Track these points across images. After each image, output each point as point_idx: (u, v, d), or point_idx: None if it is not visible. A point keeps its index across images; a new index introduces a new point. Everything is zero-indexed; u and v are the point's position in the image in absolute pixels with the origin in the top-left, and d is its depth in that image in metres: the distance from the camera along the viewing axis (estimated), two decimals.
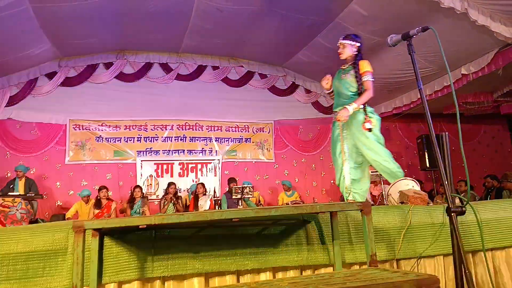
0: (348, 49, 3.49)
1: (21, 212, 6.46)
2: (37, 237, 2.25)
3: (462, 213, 1.93)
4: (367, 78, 3.36)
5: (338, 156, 3.50)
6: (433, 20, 5.94)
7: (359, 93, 3.39)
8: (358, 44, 3.50)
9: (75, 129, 8.59)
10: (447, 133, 2.62)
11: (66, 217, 7.17)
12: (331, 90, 3.63)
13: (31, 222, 6.50)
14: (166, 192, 7.90)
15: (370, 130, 3.27)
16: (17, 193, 6.88)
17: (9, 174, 7.84)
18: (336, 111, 3.46)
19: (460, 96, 8.14)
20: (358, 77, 3.39)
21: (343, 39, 3.53)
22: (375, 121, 3.35)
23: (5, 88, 8.20)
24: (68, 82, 8.66)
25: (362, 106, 3.32)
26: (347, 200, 3.42)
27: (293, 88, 10.09)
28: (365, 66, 3.40)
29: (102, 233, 2.19)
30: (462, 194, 7.35)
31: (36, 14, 6.39)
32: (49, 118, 8.49)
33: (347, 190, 3.43)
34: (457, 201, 2.39)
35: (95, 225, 1.98)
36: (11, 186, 7.16)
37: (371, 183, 8.04)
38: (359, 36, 3.57)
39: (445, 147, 2.51)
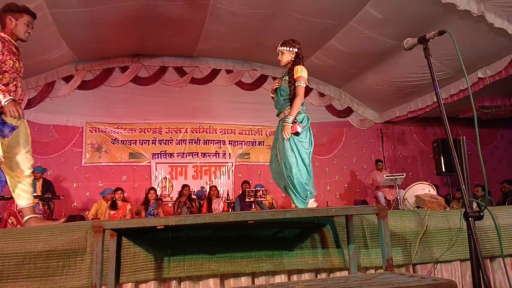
0: (286, 55, 3.47)
1: (38, 213, 6.56)
2: (57, 236, 2.30)
3: (480, 218, 1.91)
4: (298, 84, 3.33)
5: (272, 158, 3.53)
6: (449, 23, 5.89)
7: (291, 98, 3.36)
8: (296, 50, 3.48)
9: (92, 132, 8.73)
10: (464, 137, 2.59)
11: (90, 219, 7.26)
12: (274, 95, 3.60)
13: None
14: (180, 194, 7.96)
15: (297, 134, 3.25)
16: (35, 194, 6.98)
17: None
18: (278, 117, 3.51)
19: (476, 99, 8.04)
20: (291, 82, 3.37)
21: (281, 45, 3.51)
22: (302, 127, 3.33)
23: (24, 91, 8.37)
24: (84, 86, 8.81)
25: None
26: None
27: (306, 91, 10.03)
28: (299, 71, 3.37)
29: (120, 233, 2.23)
30: (479, 199, 7.24)
31: (55, 19, 6.52)
32: (66, 121, 8.65)
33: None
34: (474, 206, 2.37)
35: (114, 225, 2.02)
36: None
37: (386, 186, 8.03)
38: (297, 42, 3.53)
39: (462, 152, 2.49)
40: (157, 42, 8.36)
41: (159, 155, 8.93)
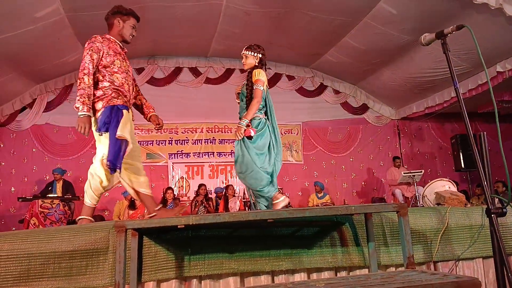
0: (250, 59, 3.49)
1: (59, 213, 6.72)
2: (80, 236, 2.35)
3: (503, 214, 1.88)
4: (256, 87, 3.33)
5: None
6: (466, 16, 5.79)
7: (247, 100, 3.38)
8: (260, 56, 3.49)
9: None
10: (485, 132, 2.55)
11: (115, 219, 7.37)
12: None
13: (68, 223, 6.75)
14: (197, 193, 8.02)
15: (250, 137, 3.25)
16: (55, 195, 7.15)
17: (47, 177, 8.16)
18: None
19: (495, 94, 7.85)
20: (249, 85, 3.38)
21: (246, 49, 3.52)
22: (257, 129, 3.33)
23: (43, 94, 8.56)
24: None
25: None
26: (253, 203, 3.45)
27: (321, 89, 10.03)
28: (257, 74, 3.37)
29: (141, 233, 2.27)
30: (501, 195, 7.11)
31: (71, 22, 6.64)
32: None
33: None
34: (496, 202, 2.33)
35: (136, 225, 2.05)
36: (50, 188, 7.45)
37: (404, 184, 7.95)
38: (262, 48, 3.55)
39: (483, 147, 2.45)
40: (171, 43, 8.44)
41: (176, 155, 9.02)
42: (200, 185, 8.06)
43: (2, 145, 8.31)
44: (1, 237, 2.33)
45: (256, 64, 3.48)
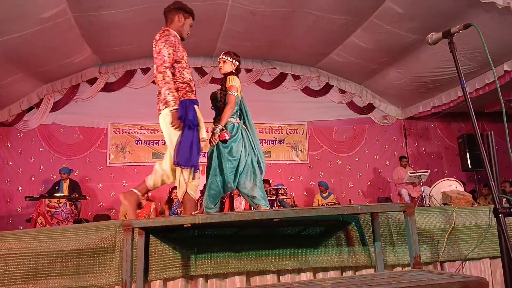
0: (228, 65, 3.54)
1: (66, 213, 6.76)
2: (87, 235, 2.36)
3: (511, 214, 1.87)
4: (230, 93, 3.38)
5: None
6: (472, 15, 5.75)
7: (221, 105, 3.47)
8: (237, 63, 3.57)
9: (115, 133, 8.90)
10: (492, 132, 2.53)
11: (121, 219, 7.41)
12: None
13: (75, 222, 6.80)
14: (202, 193, 8.03)
15: (225, 141, 3.35)
16: (62, 194, 7.20)
17: (54, 176, 8.22)
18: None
19: (503, 93, 7.74)
20: (224, 90, 3.43)
21: (224, 54, 3.56)
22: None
23: (50, 94, 8.62)
24: (108, 88, 8.99)
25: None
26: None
27: (327, 88, 10.01)
28: (230, 80, 3.42)
29: (148, 232, 2.28)
30: (508, 195, 7.06)
31: (78, 23, 6.68)
32: (90, 123, 8.85)
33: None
34: (503, 201, 2.32)
35: (143, 224, 2.06)
36: (56, 187, 7.50)
37: (410, 183, 7.91)
38: (239, 56, 3.63)
39: (491, 147, 2.43)
40: None
41: None
42: (205, 185, 8.07)
43: (9, 145, 8.38)
44: (10, 236, 2.35)
45: (233, 70, 3.54)
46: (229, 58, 3.53)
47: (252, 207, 7.00)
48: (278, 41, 8.41)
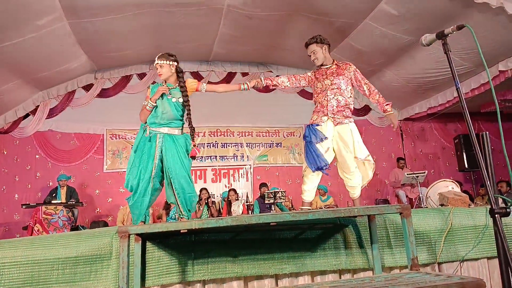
0: (166, 69, 3.26)
1: (63, 220, 6.73)
2: (83, 242, 2.35)
3: (507, 214, 1.86)
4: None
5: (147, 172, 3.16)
6: (467, 17, 5.77)
7: (182, 115, 3.29)
8: (176, 64, 3.32)
9: (112, 139, 8.88)
10: (487, 132, 2.53)
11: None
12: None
13: (72, 229, 6.76)
14: (200, 198, 8.02)
15: (194, 158, 3.18)
16: (59, 201, 7.17)
17: (50, 183, 8.18)
18: (157, 129, 3.22)
19: (498, 93, 7.85)
20: (186, 100, 3.26)
21: (159, 58, 3.26)
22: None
23: (46, 101, 8.59)
24: (104, 94, 8.96)
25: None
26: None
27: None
28: (192, 83, 3.37)
29: (144, 238, 2.27)
30: (504, 195, 7.07)
31: (73, 29, 6.66)
32: (87, 129, 8.82)
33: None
34: (499, 202, 2.32)
35: (139, 230, 2.05)
36: (54, 194, 7.47)
37: (407, 185, 7.91)
38: (175, 55, 3.36)
39: (486, 147, 2.44)
40: (173, 47, 8.43)
41: None
42: (201, 190, 8.05)
43: (5, 152, 8.34)
44: (5, 244, 2.34)
45: (174, 72, 3.31)
46: (164, 61, 3.26)
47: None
48: (274, 44, 8.43)
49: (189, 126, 3.31)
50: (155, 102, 3.20)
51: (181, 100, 3.26)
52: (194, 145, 3.23)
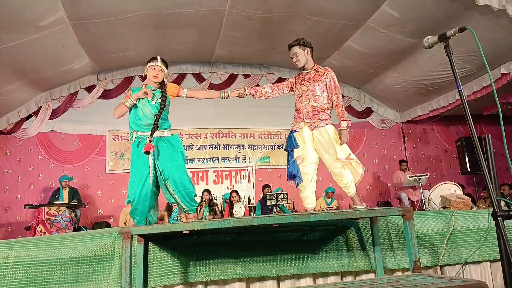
0: (162, 74, 3.31)
1: (65, 220, 6.74)
2: (86, 243, 2.36)
3: (509, 217, 1.86)
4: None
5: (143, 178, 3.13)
6: (468, 19, 5.77)
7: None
8: (166, 70, 3.36)
9: (114, 140, 8.89)
10: (489, 135, 2.53)
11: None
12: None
13: (74, 229, 6.77)
14: (201, 199, 8.01)
15: (148, 153, 3.04)
16: (62, 202, 7.18)
17: (53, 184, 8.20)
18: (143, 134, 3.18)
19: (500, 96, 7.84)
20: (163, 100, 3.25)
21: (162, 62, 3.29)
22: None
23: (48, 102, 8.62)
24: (106, 95, 8.99)
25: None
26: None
27: None
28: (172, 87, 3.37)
29: (147, 238, 2.27)
30: (507, 198, 7.06)
31: (75, 30, 6.69)
32: (89, 130, 8.84)
33: None
34: (502, 205, 2.31)
35: (141, 231, 2.05)
36: (56, 196, 7.48)
37: (410, 187, 7.91)
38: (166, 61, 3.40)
39: (488, 150, 2.44)
40: (175, 49, 8.48)
41: None
42: (203, 191, 8.05)
43: (8, 153, 8.37)
44: (9, 244, 2.34)
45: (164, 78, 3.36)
46: (164, 66, 3.31)
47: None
48: (276, 46, 8.43)
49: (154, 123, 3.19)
50: (136, 101, 3.18)
51: (159, 100, 3.21)
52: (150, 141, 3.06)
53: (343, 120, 3.47)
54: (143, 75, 9.18)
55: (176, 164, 3.12)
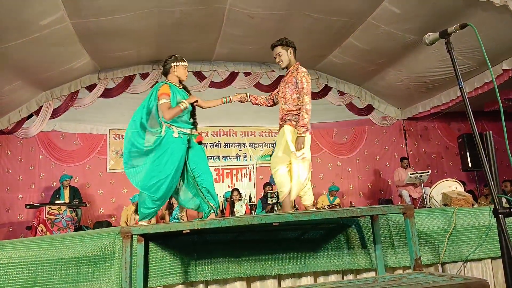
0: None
1: (66, 220, 6.75)
2: (86, 243, 2.36)
3: (510, 214, 1.85)
4: None
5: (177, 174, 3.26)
6: (470, 15, 5.75)
7: None
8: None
9: (115, 139, 8.90)
10: (490, 132, 2.52)
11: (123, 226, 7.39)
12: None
13: (75, 229, 6.78)
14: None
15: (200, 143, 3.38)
16: (63, 201, 7.19)
17: (54, 184, 8.21)
18: (184, 130, 3.36)
19: (502, 92, 7.81)
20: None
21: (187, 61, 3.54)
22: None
23: (49, 101, 8.62)
24: (107, 94, 8.99)
25: None
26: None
27: (326, 90, 10.00)
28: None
29: (147, 238, 2.27)
30: (509, 195, 7.04)
31: (76, 30, 6.68)
32: (90, 129, 8.85)
33: None
34: (503, 202, 2.30)
35: (141, 230, 2.05)
36: (57, 195, 7.49)
37: (411, 184, 7.89)
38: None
39: (489, 147, 2.42)
40: (175, 47, 8.45)
41: None
42: None
43: (9, 153, 8.38)
44: (9, 244, 2.35)
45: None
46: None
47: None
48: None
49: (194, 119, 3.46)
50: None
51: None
52: (201, 133, 3.38)
53: (301, 126, 3.28)
54: (144, 74, 9.19)
55: (206, 162, 3.37)
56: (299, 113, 3.33)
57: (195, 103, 3.43)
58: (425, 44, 2.27)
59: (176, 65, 3.39)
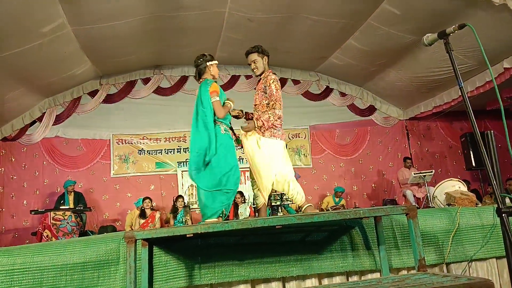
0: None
1: (71, 225, 6.77)
2: (91, 248, 2.37)
3: None
4: None
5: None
6: (470, 14, 5.75)
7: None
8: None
9: (118, 144, 8.93)
10: (492, 131, 2.52)
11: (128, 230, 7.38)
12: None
13: (80, 234, 6.80)
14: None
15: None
16: (67, 207, 7.22)
17: (58, 189, 8.24)
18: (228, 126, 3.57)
19: (503, 91, 7.78)
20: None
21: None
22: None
23: (52, 107, 8.67)
24: (109, 99, 9.03)
25: None
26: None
27: (327, 92, 10.01)
28: None
29: (151, 242, 2.28)
30: None
31: (77, 36, 6.72)
32: (93, 134, 8.89)
33: None
34: (507, 201, 2.30)
35: (145, 235, 2.06)
36: (62, 201, 7.52)
37: (415, 184, 7.87)
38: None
39: (491, 146, 2.42)
40: (176, 52, 8.50)
41: (184, 163, 9.04)
42: None
43: (13, 160, 8.42)
44: (15, 250, 2.36)
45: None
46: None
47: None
48: (277, 46, 8.42)
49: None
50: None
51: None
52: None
53: (257, 120, 3.44)
54: (145, 79, 9.22)
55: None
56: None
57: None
58: (424, 45, 2.28)
59: (211, 64, 3.44)
